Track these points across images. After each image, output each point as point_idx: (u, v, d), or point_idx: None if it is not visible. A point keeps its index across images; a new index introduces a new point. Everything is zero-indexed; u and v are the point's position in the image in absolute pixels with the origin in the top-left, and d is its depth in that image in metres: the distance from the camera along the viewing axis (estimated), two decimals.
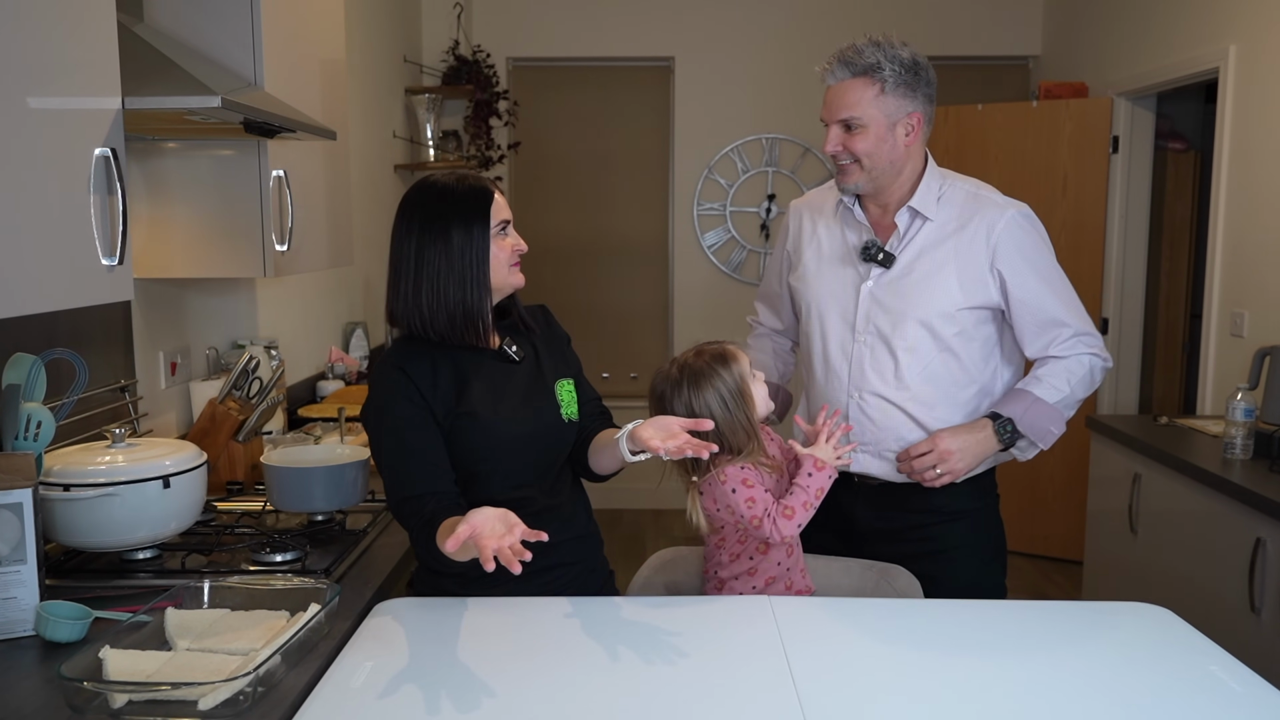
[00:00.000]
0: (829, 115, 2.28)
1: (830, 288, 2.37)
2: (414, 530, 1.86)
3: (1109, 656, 1.68)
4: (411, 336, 1.96)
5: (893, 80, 2.22)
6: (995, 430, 2.24)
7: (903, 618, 1.86)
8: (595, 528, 2.13)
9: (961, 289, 2.24)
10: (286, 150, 2.64)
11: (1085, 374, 2.29)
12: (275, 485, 2.33)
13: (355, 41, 4.38)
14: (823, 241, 2.42)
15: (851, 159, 2.26)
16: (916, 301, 2.25)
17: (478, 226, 1.92)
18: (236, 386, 2.67)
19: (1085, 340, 2.29)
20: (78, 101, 1.71)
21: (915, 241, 2.28)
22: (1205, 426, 3.71)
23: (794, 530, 1.98)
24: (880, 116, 2.22)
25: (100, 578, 2.03)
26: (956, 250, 2.25)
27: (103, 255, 1.75)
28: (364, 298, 4.74)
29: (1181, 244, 5.60)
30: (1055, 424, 2.25)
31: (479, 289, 1.92)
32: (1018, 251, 2.25)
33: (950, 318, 2.25)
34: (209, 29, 2.43)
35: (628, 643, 1.71)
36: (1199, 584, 3.26)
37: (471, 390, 1.93)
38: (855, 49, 2.26)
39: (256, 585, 1.84)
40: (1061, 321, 2.27)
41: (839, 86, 2.27)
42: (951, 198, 2.30)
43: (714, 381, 2.02)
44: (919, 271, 2.27)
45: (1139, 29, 5.00)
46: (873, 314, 2.29)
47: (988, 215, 2.26)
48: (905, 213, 2.29)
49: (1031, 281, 2.26)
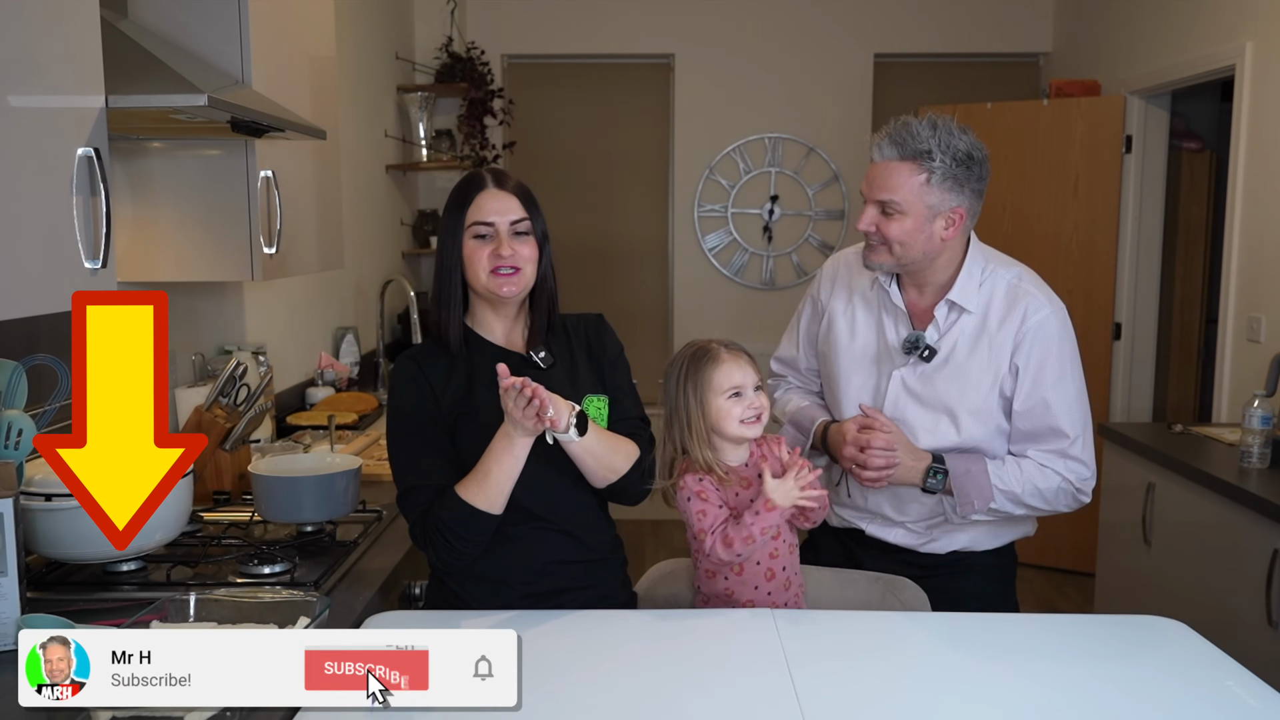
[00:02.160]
0: (869, 193, 2.19)
1: (860, 368, 2.32)
2: (414, 522, 1.91)
3: (1122, 671, 1.68)
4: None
5: (941, 172, 2.11)
6: (926, 470, 2.20)
7: (909, 632, 1.86)
8: (617, 553, 2.09)
9: (993, 384, 2.21)
10: (275, 150, 2.64)
11: (1052, 490, 2.21)
12: (263, 495, 2.33)
13: (346, 38, 4.38)
14: (858, 316, 2.35)
15: (882, 241, 2.19)
16: (948, 394, 2.23)
17: (454, 221, 1.96)
18: (223, 393, 2.67)
19: (1069, 464, 2.21)
20: (60, 100, 1.71)
21: (952, 333, 2.24)
22: (1221, 434, 3.71)
23: (731, 558, 1.96)
24: (921, 207, 2.13)
25: (83, 590, 2.03)
26: (991, 346, 2.21)
27: (86, 258, 1.75)
28: (355, 302, 4.75)
29: (1196, 247, 5.60)
30: (981, 501, 2.19)
31: (449, 287, 1.97)
32: (1041, 354, 2.19)
33: (978, 413, 2.22)
34: (195, 25, 2.43)
35: (627, 657, 1.71)
36: (1214, 597, 3.26)
37: (482, 390, 1.93)
38: (909, 129, 2.14)
39: (244, 598, 1.83)
40: (1060, 433, 2.21)
41: (884, 166, 2.16)
42: (993, 286, 2.23)
43: (678, 368, 2.06)
44: (954, 364, 2.23)
45: (1153, 25, 5.01)
46: (900, 401, 2.26)
47: (1023, 309, 2.20)
48: (944, 305, 2.23)
49: (1043, 387, 2.20)
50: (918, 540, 2.31)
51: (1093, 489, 2.25)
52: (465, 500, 1.85)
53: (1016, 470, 2.21)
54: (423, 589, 2.31)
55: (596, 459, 1.92)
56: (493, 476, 1.84)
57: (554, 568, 1.96)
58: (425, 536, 1.90)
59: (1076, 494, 2.23)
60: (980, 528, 2.29)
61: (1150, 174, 5.23)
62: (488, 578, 1.95)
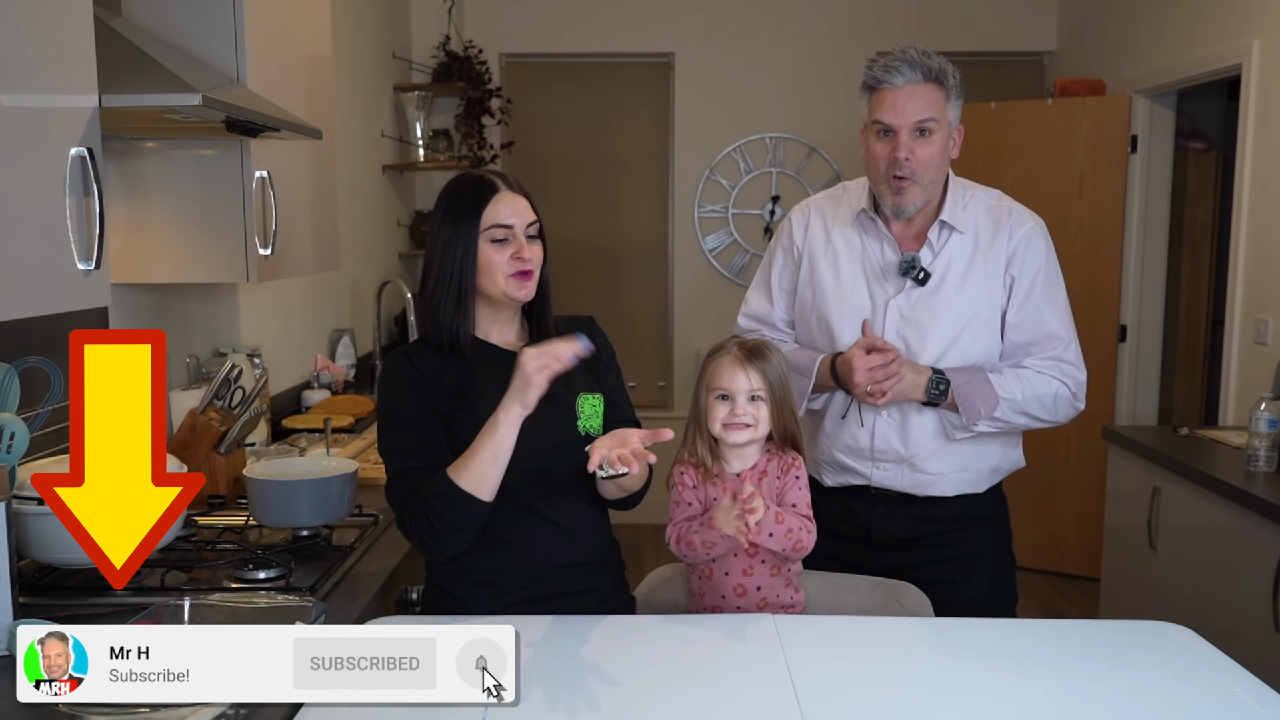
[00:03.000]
0: (899, 118, 2.21)
1: (852, 302, 2.36)
2: (400, 503, 1.90)
3: (1127, 678, 1.68)
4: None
5: (954, 90, 2.25)
6: (929, 380, 2.24)
7: (912, 637, 1.87)
8: (614, 556, 2.10)
9: (988, 301, 2.29)
10: (270, 150, 2.65)
11: (1050, 396, 2.29)
12: (258, 499, 2.33)
13: (342, 37, 4.38)
14: (840, 253, 2.40)
15: (911, 174, 2.22)
16: (946, 316, 2.28)
17: (465, 226, 1.93)
18: (218, 396, 2.67)
19: (1064, 368, 2.31)
20: (53, 99, 1.72)
21: (945, 254, 2.31)
22: (1227, 438, 3.71)
23: (679, 554, 2.05)
24: (947, 125, 2.25)
25: (76, 595, 2.03)
26: (985, 263, 2.30)
27: (79, 259, 1.76)
28: (351, 304, 4.75)
29: (1203, 247, 5.61)
30: (987, 407, 2.25)
31: (459, 293, 1.94)
32: (1032, 265, 2.30)
33: (977, 331, 2.29)
34: (189, 24, 2.44)
35: (625, 663, 1.71)
36: (1221, 602, 3.26)
37: (479, 387, 1.93)
38: (919, 53, 2.22)
39: (239, 603, 1.83)
40: (1054, 338, 2.31)
41: (911, 89, 2.20)
42: (975, 209, 2.33)
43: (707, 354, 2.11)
44: (949, 286, 2.30)
45: (1158, 23, 5.02)
46: (900, 329, 2.31)
47: (1009, 224, 2.30)
48: (937, 226, 2.31)
49: (1035, 297, 2.30)
50: (925, 480, 2.33)
51: (1085, 395, 2.35)
52: (451, 478, 1.84)
53: (1015, 379, 2.28)
54: (420, 594, 2.31)
55: (621, 488, 1.95)
56: (478, 454, 1.83)
57: (552, 571, 1.96)
58: (411, 519, 1.89)
59: (1073, 399, 2.32)
60: (979, 462, 2.34)
61: (1156, 174, 5.23)
62: (484, 582, 1.95)
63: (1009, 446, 2.40)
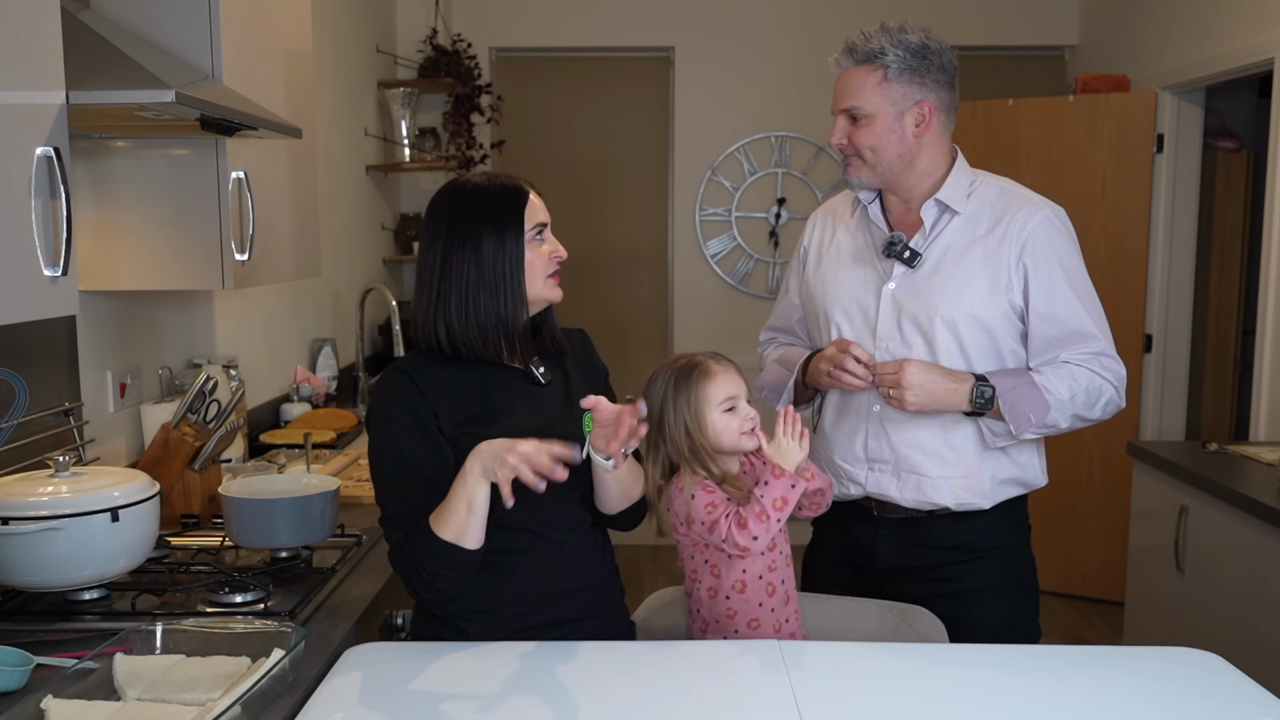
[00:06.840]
0: (834, 105, 2.37)
1: (848, 290, 2.38)
2: (393, 549, 1.91)
3: (1153, 707, 1.68)
4: (429, 349, 1.99)
5: (897, 66, 2.27)
6: (972, 389, 2.22)
7: (925, 665, 1.87)
8: (614, 580, 2.11)
9: (991, 291, 2.26)
10: (247, 150, 2.65)
11: (1096, 392, 2.27)
12: (235, 518, 2.33)
13: (323, 31, 4.40)
14: (842, 246, 2.45)
15: (855, 152, 2.32)
16: (943, 302, 2.27)
17: (510, 231, 1.95)
18: (192, 410, 2.67)
19: (1105, 362, 2.28)
20: (17, 96, 1.72)
21: (943, 238, 2.31)
22: (1259, 454, 3.72)
23: (749, 542, 1.98)
24: (886, 106, 2.28)
25: (42, 620, 2.03)
26: (986, 250, 2.28)
27: (45, 265, 1.76)
28: (333, 313, 4.75)
29: (1233, 253, 5.62)
30: (1038, 414, 2.22)
31: (513, 300, 1.96)
32: (1050, 253, 2.28)
33: (978, 322, 2.27)
34: (162, 17, 2.44)
35: (624, 690, 1.71)
36: (1252, 627, 3.26)
37: (487, 407, 1.94)
38: (862, 35, 2.33)
39: (214, 628, 1.84)
40: (1088, 334, 2.28)
41: (844, 76, 2.35)
42: (983, 194, 2.34)
43: (663, 384, 2.12)
44: (946, 271, 2.29)
45: (1186, 16, 5.03)
46: (894, 316, 2.31)
47: (1020, 212, 2.29)
48: (933, 205, 2.32)
49: (1060, 288, 2.28)
50: (919, 484, 2.31)
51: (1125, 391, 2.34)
52: (434, 531, 1.83)
53: (1058, 377, 2.26)
54: (405, 619, 2.31)
55: (622, 485, 1.97)
56: (453, 505, 1.82)
57: (553, 599, 1.96)
58: (402, 564, 1.90)
59: (1117, 396, 2.31)
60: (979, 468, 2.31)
61: (1183, 175, 5.24)
62: (480, 610, 1.95)
63: (1018, 454, 2.35)
